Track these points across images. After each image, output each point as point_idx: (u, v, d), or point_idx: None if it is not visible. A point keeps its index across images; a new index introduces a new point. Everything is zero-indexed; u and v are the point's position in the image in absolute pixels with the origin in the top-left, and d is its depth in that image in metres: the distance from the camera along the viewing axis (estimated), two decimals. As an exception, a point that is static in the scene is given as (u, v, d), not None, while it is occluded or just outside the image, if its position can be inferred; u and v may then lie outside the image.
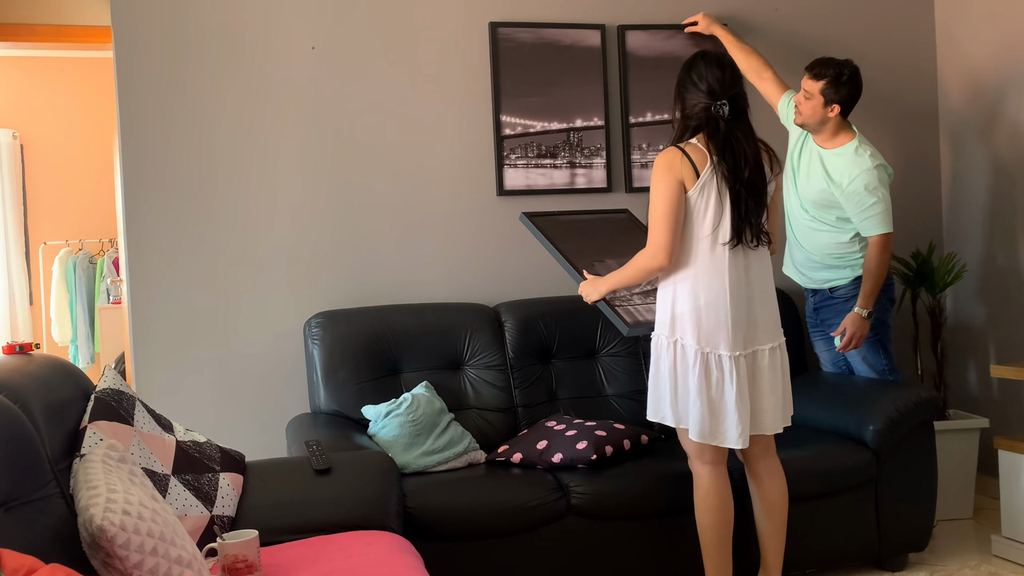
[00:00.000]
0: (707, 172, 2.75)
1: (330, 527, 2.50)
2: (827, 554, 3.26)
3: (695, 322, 2.77)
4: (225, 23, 3.61)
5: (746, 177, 2.76)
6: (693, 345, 2.77)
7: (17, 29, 4.70)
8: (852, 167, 3.43)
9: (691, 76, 2.82)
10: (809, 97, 3.49)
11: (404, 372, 3.49)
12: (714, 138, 2.78)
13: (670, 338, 2.81)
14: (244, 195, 3.63)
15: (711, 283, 2.76)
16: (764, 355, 2.83)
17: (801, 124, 3.57)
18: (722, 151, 2.76)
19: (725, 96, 2.77)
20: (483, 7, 3.84)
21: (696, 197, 2.76)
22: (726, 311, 2.76)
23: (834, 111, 3.49)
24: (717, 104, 2.77)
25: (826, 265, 3.61)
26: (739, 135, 2.79)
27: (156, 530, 1.83)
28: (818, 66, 3.50)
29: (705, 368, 2.76)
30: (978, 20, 4.17)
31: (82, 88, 6.66)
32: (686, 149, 2.78)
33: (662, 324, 2.85)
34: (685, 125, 2.84)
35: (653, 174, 2.80)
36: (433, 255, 3.81)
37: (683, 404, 2.81)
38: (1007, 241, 4.08)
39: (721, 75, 2.78)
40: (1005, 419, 4.03)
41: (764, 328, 2.85)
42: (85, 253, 6.52)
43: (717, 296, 2.76)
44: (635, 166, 3.97)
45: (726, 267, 2.76)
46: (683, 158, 2.77)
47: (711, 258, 2.77)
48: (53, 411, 2.14)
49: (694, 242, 2.79)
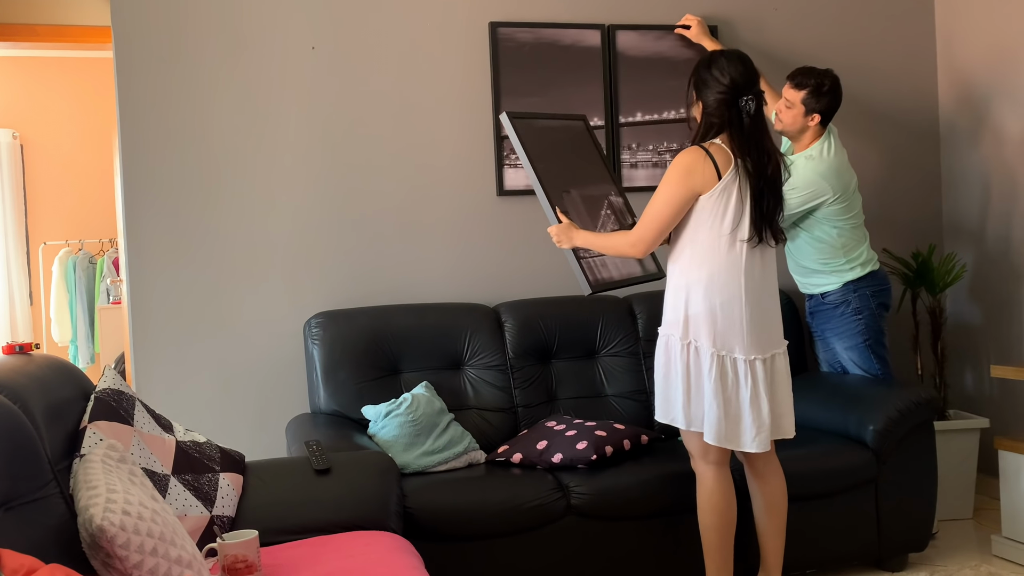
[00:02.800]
0: (731, 174, 2.72)
1: (330, 527, 2.49)
2: (827, 554, 3.26)
3: (710, 324, 2.74)
4: (225, 23, 3.61)
5: (769, 174, 2.75)
6: (708, 348, 2.74)
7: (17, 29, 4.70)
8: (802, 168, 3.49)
9: (712, 72, 2.76)
10: (790, 106, 3.53)
11: (404, 372, 3.49)
12: (739, 135, 2.74)
13: (683, 340, 2.78)
14: (244, 195, 3.63)
15: (727, 284, 2.74)
16: (780, 358, 2.84)
17: (781, 131, 3.61)
18: (748, 148, 2.73)
19: (750, 91, 2.74)
20: (483, 7, 3.84)
21: (715, 199, 2.72)
22: (741, 313, 2.74)
23: (814, 120, 3.53)
24: (745, 99, 2.73)
25: (813, 271, 3.64)
26: (764, 130, 2.77)
27: (156, 530, 1.83)
28: (799, 75, 3.52)
29: (721, 371, 2.74)
30: (976, 24, 4.17)
31: (82, 88, 6.67)
32: (710, 150, 2.74)
33: (674, 324, 2.82)
34: (709, 123, 2.79)
35: (669, 171, 2.76)
36: (433, 255, 3.81)
37: (696, 407, 2.78)
38: (1007, 241, 4.07)
39: (744, 69, 2.75)
40: (1005, 419, 4.03)
41: (777, 332, 2.85)
42: (85, 253, 6.52)
43: (732, 297, 2.74)
44: (624, 165, 3.97)
45: (742, 268, 2.74)
46: (706, 160, 2.72)
47: (728, 259, 2.74)
48: (53, 411, 2.14)
49: (712, 243, 2.75)
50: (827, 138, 3.56)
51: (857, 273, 3.58)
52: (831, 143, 3.56)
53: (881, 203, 4.24)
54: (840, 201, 3.51)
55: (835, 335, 3.63)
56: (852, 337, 3.59)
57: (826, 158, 3.52)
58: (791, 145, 3.67)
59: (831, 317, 3.62)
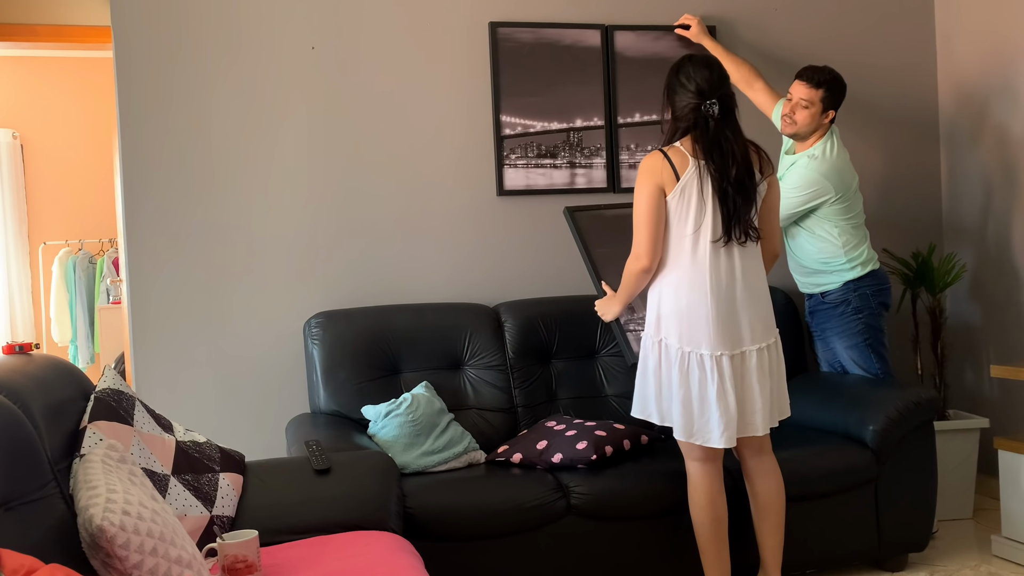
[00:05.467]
0: (688, 174, 2.80)
1: (330, 527, 2.49)
2: (827, 554, 3.26)
3: (677, 322, 2.82)
4: (225, 23, 3.61)
5: (733, 175, 2.80)
6: (675, 344, 2.82)
7: (17, 29, 4.70)
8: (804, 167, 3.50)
9: (679, 78, 2.86)
10: (808, 105, 3.50)
11: (404, 372, 3.49)
12: (703, 138, 2.81)
13: (655, 337, 2.87)
14: (244, 195, 3.63)
15: (693, 283, 2.80)
16: (752, 356, 2.84)
17: (792, 134, 3.59)
18: (710, 150, 2.80)
19: (714, 95, 2.80)
20: (483, 7, 3.84)
21: (677, 200, 2.81)
22: (707, 311, 2.79)
23: (828, 117, 3.53)
24: (707, 103, 2.80)
25: (814, 271, 3.64)
26: (728, 134, 2.82)
27: (156, 530, 1.83)
28: (812, 73, 3.51)
29: (687, 368, 2.80)
30: (976, 24, 4.17)
31: (82, 88, 6.66)
32: (668, 153, 2.83)
33: (649, 324, 2.90)
34: (676, 127, 2.88)
35: (637, 178, 2.86)
36: (433, 255, 3.81)
37: (667, 402, 2.86)
38: (1007, 241, 4.07)
39: (709, 75, 2.83)
40: (1005, 419, 4.02)
41: (753, 327, 2.85)
42: (85, 253, 6.52)
43: (698, 296, 2.80)
44: (623, 166, 3.97)
45: (707, 267, 2.80)
46: (664, 162, 2.82)
47: (693, 259, 2.81)
48: (53, 411, 2.14)
49: (676, 244, 2.83)
50: (829, 137, 3.56)
51: (857, 272, 3.58)
52: (833, 143, 3.55)
53: (881, 203, 4.24)
54: (842, 201, 3.51)
55: (835, 334, 3.63)
56: (852, 336, 3.59)
57: (828, 157, 3.51)
58: (793, 144, 3.66)
59: (831, 316, 3.62)
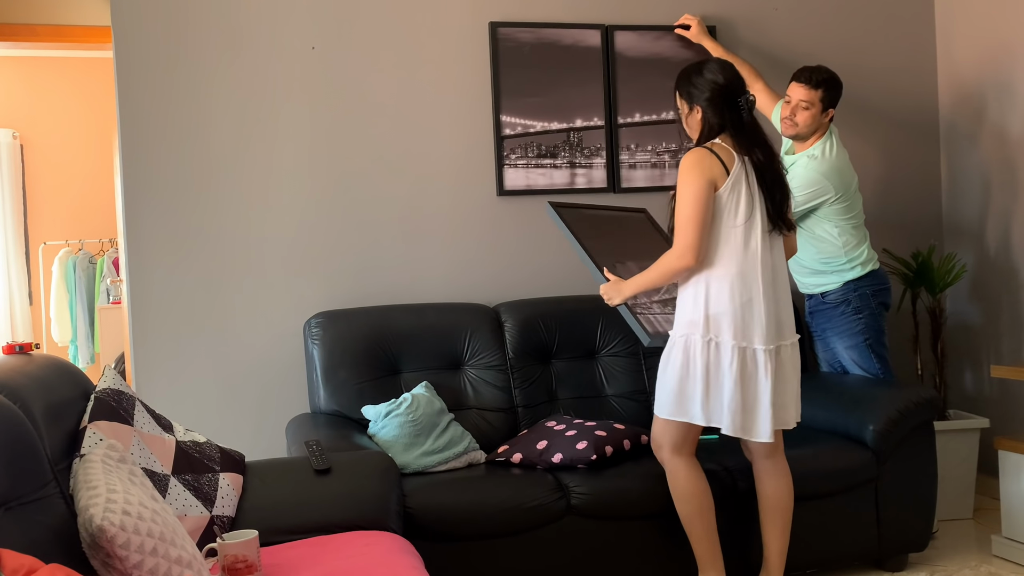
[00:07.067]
0: (736, 169, 2.78)
1: (330, 527, 2.49)
2: (827, 554, 3.26)
3: (731, 318, 2.77)
4: (225, 23, 3.61)
5: (775, 167, 2.83)
6: (730, 341, 2.77)
7: (17, 29, 4.70)
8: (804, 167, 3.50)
9: (705, 76, 2.85)
10: (808, 106, 3.51)
11: (404, 372, 3.49)
12: (740, 133, 2.82)
13: (704, 337, 2.79)
14: (244, 195, 3.63)
15: (747, 277, 2.78)
16: (787, 350, 2.86)
17: (793, 135, 3.59)
18: (751, 144, 2.81)
19: (743, 91, 2.84)
20: (483, 7, 3.84)
21: (728, 195, 2.78)
22: (761, 305, 2.78)
23: (828, 115, 3.53)
24: (744, 98, 2.82)
25: (814, 271, 3.64)
26: (760, 126, 2.87)
27: (156, 530, 1.83)
28: (809, 74, 3.52)
29: (743, 363, 2.77)
30: (976, 24, 4.17)
31: (82, 88, 6.66)
32: (714, 148, 2.81)
33: (693, 324, 2.81)
34: (709, 126, 2.85)
35: (681, 174, 2.80)
36: (433, 255, 3.81)
37: (716, 401, 2.80)
38: (1007, 241, 4.07)
39: (733, 73, 2.86)
40: (1005, 419, 4.03)
41: (787, 323, 2.88)
42: (85, 253, 6.52)
43: (754, 291, 2.78)
44: (623, 166, 3.97)
45: (759, 261, 2.79)
46: (712, 157, 2.79)
47: (746, 253, 2.79)
48: (53, 411, 2.13)
49: (728, 239, 2.79)
50: (829, 137, 3.56)
51: (858, 272, 3.58)
52: (833, 142, 3.56)
53: (881, 203, 4.25)
54: (842, 200, 3.51)
55: (835, 334, 3.64)
56: (852, 336, 3.59)
57: (828, 157, 3.52)
58: (791, 145, 3.66)
59: (831, 316, 3.62)
